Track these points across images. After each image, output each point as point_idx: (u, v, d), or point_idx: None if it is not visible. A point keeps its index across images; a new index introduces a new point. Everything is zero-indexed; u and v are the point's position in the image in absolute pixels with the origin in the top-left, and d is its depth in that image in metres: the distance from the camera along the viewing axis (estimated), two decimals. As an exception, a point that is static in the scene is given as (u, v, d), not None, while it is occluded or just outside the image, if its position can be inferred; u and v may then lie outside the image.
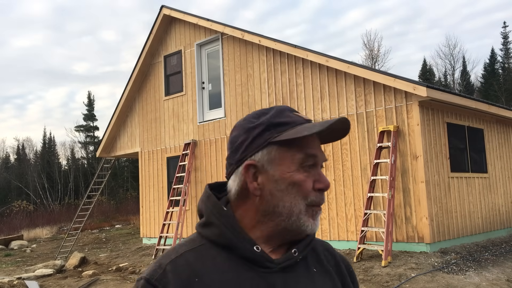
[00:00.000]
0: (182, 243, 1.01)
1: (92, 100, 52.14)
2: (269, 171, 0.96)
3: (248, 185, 0.97)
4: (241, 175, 0.98)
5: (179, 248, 0.99)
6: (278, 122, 0.98)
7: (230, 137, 1.04)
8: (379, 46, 54.10)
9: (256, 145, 0.97)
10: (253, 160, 0.97)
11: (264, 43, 10.52)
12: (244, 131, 0.99)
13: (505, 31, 45.43)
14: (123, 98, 14.10)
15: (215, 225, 0.98)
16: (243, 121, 1.03)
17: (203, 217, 1.03)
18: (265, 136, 0.97)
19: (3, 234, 21.38)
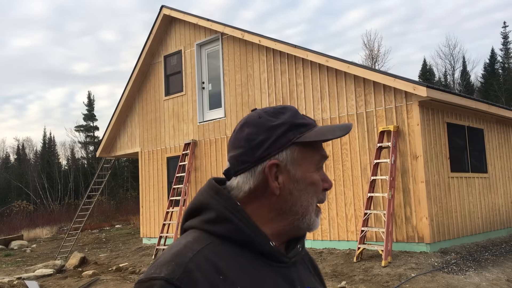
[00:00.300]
0: (189, 241, 0.93)
1: (92, 100, 52.17)
2: (291, 171, 0.98)
3: (269, 183, 0.97)
4: (259, 174, 0.97)
5: (192, 245, 0.92)
6: (299, 123, 1.00)
7: (243, 134, 1.00)
8: (379, 46, 54.18)
9: (280, 144, 0.98)
10: (277, 160, 0.97)
11: (264, 43, 10.52)
12: (264, 129, 0.98)
13: (505, 31, 45.45)
14: (123, 98, 14.10)
15: (230, 220, 0.94)
16: (258, 118, 1.00)
17: (202, 212, 0.98)
18: (288, 136, 0.98)
19: (3, 234, 21.38)
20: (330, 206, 9.41)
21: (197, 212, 0.99)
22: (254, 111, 1.04)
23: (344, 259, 8.28)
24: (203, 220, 0.97)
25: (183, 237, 0.97)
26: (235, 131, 1.03)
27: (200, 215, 0.98)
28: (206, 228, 0.95)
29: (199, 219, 0.98)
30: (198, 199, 1.00)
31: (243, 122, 1.02)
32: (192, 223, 0.99)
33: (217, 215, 0.95)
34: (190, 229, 0.98)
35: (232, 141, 1.02)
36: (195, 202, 1.01)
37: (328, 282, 7.17)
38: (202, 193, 1.00)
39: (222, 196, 0.97)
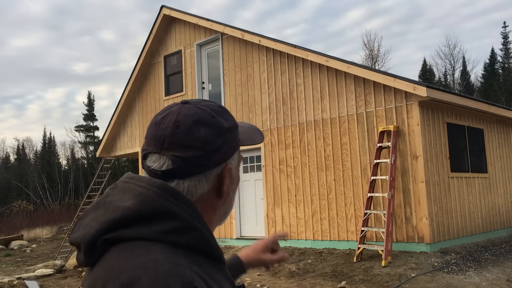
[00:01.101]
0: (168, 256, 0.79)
1: (92, 100, 52.21)
2: (233, 173, 0.98)
3: (222, 187, 0.94)
4: (214, 178, 0.93)
5: (176, 260, 0.79)
6: (237, 124, 1.00)
7: (199, 134, 0.90)
8: (379, 46, 54.17)
9: (234, 149, 0.96)
10: (230, 164, 0.95)
11: (264, 43, 10.53)
12: (221, 132, 0.93)
13: (505, 31, 45.45)
14: (123, 98, 14.11)
15: (199, 231, 0.85)
16: (211, 117, 0.93)
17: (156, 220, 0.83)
18: (237, 140, 0.98)
19: (3, 234, 21.39)
20: (330, 206, 9.42)
21: (138, 221, 0.82)
22: (190, 104, 0.94)
23: (344, 259, 8.28)
24: (163, 231, 0.82)
25: (143, 252, 0.79)
26: (175, 125, 0.90)
27: (151, 224, 0.82)
28: (169, 239, 0.82)
29: (153, 228, 0.82)
30: (148, 205, 0.83)
31: (194, 118, 0.90)
32: (142, 234, 0.81)
33: (183, 225, 0.84)
34: (138, 241, 0.81)
35: (176, 137, 0.89)
36: (137, 209, 0.82)
37: (328, 282, 7.18)
38: (154, 198, 0.84)
39: (185, 203, 0.86)
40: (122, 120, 14.57)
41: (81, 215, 0.91)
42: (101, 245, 0.82)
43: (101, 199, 0.89)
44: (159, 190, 0.85)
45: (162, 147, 0.89)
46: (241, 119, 11.19)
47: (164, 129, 0.90)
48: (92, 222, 0.84)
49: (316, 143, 9.74)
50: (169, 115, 0.92)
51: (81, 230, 0.85)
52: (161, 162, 0.90)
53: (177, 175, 0.89)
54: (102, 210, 0.86)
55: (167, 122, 0.90)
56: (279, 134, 10.41)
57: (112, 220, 0.82)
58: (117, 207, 0.84)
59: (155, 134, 0.91)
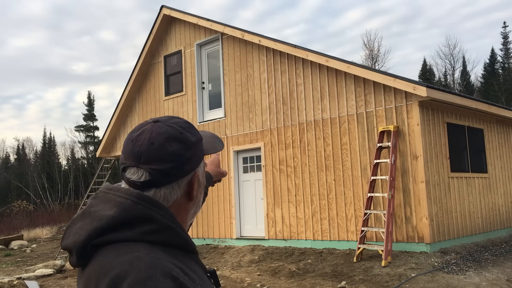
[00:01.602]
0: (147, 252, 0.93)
1: (92, 100, 52.21)
2: (200, 178, 1.13)
3: (192, 192, 1.09)
4: (185, 185, 1.08)
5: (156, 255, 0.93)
6: (201, 136, 1.15)
7: (171, 149, 1.03)
8: (379, 46, 54.17)
9: (200, 159, 1.12)
10: (198, 172, 1.11)
11: (264, 43, 10.53)
12: (189, 146, 1.07)
13: (505, 31, 45.47)
14: (123, 98, 14.11)
15: (174, 230, 1.00)
16: (180, 133, 1.06)
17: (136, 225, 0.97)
18: (202, 151, 1.14)
19: (3, 234, 21.39)
20: (330, 206, 9.42)
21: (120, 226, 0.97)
22: (160, 122, 1.07)
23: (344, 259, 8.28)
24: (143, 232, 0.97)
25: (126, 251, 0.93)
26: (150, 143, 1.03)
27: (132, 228, 0.97)
28: (148, 239, 0.96)
29: (135, 231, 0.96)
30: (128, 213, 0.97)
31: (165, 136, 1.04)
32: (126, 236, 0.96)
33: (159, 226, 0.98)
34: (122, 242, 0.95)
35: (151, 153, 1.02)
36: (120, 217, 0.97)
37: (328, 282, 7.18)
38: (133, 207, 0.98)
39: (160, 208, 1.00)
40: (122, 120, 14.57)
41: (69, 223, 1.05)
42: (90, 249, 0.97)
43: (86, 209, 1.03)
44: (137, 199, 0.99)
45: (140, 162, 1.03)
46: (241, 119, 11.20)
47: (140, 146, 1.04)
48: (81, 230, 0.99)
49: (316, 143, 9.74)
50: (143, 133, 1.05)
51: (71, 237, 1.01)
52: (139, 174, 1.04)
53: (154, 184, 1.04)
54: (88, 219, 1.00)
55: (142, 140, 1.04)
56: (279, 134, 10.41)
57: (99, 227, 0.97)
58: (102, 216, 0.98)
59: (133, 150, 1.04)
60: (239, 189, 11.29)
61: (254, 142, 10.90)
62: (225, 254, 10.30)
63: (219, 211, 11.49)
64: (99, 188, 7.65)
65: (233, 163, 11.27)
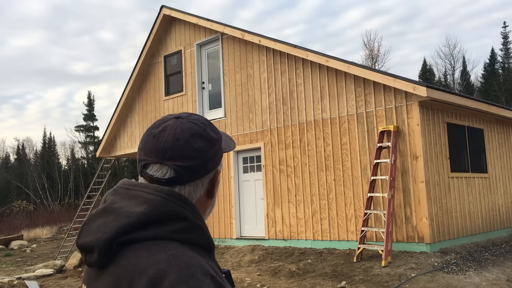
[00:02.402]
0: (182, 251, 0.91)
1: (92, 100, 52.21)
2: (218, 177, 1.12)
3: (213, 189, 1.09)
4: (208, 182, 1.08)
5: (190, 253, 0.91)
6: (221, 135, 1.15)
7: (196, 146, 1.02)
8: (379, 46, 54.18)
9: (221, 156, 1.11)
10: (219, 169, 1.11)
11: (264, 43, 10.53)
12: (213, 143, 1.07)
13: (505, 31, 45.46)
14: (123, 98, 14.11)
15: (202, 229, 0.98)
16: (204, 130, 1.06)
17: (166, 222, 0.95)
18: (221, 148, 1.12)
19: (3, 234, 21.39)
20: (330, 206, 9.42)
21: (150, 223, 0.94)
22: (183, 118, 1.06)
23: (344, 259, 8.28)
24: (175, 230, 0.94)
25: (161, 249, 0.90)
26: (175, 139, 1.01)
27: (162, 225, 0.94)
28: (179, 237, 0.94)
29: (166, 229, 0.94)
30: (160, 210, 0.95)
31: (191, 132, 1.03)
32: (157, 234, 0.93)
33: (190, 224, 0.97)
34: (152, 240, 0.93)
35: (176, 149, 1.01)
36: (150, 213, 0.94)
37: (328, 282, 7.18)
38: (163, 203, 0.95)
39: (190, 206, 0.99)
40: (122, 120, 14.57)
41: (85, 220, 1.01)
42: (116, 247, 0.93)
43: (107, 205, 0.99)
44: (168, 196, 0.97)
45: (164, 158, 1.01)
46: (241, 119, 11.20)
47: (165, 142, 1.02)
48: (104, 227, 0.94)
49: (316, 143, 9.74)
50: (167, 129, 1.03)
51: (91, 235, 0.96)
52: (163, 171, 1.02)
53: (179, 181, 1.02)
54: (113, 216, 0.96)
55: (166, 136, 1.02)
56: (279, 134, 10.41)
57: (127, 224, 0.93)
58: (130, 213, 0.94)
59: (156, 146, 1.02)
60: (239, 189, 11.29)
61: (254, 142, 10.90)
62: (225, 254, 10.30)
63: (219, 211, 11.49)
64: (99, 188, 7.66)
65: (233, 163, 11.27)
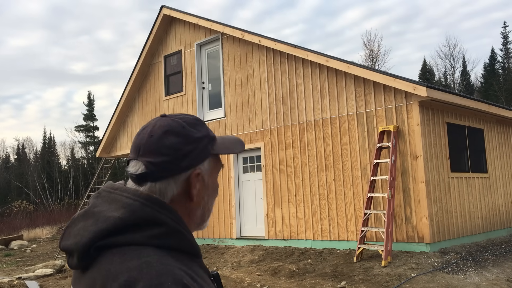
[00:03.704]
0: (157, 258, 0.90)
1: (92, 100, 52.22)
2: (205, 179, 1.08)
3: (191, 191, 1.05)
4: (183, 182, 1.04)
5: (165, 261, 0.90)
6: (212, 136, 1.11)
7: (168, 142, 1.02)
8: (379, 46, 54.19)
9: (204, 156, 1.07)
10: (200, 169, 1.06)
11: (264, 43, 10.53)
12: (190, 141, 1.04)
13: (505, 31, 45.47)
14: (123, 98, 14.11)
15: (182, 234, 0.97)
16: (182, 128, 1.05)
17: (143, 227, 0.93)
18: (208, 148, 1.08)
19: (3, 234, 21.38)
20: (330, 206, 9.42)
21: (127, 228, 0.93)
22: (167, 117, 1.07)
23: (344, 259, 8.28)
24: (151, 236, 0.93)
25: (135, 255, 0.89)
26: (149, 135, 1.03)
27: (139, 230, 0.93)
28: (156, 243, 0.93)
29: (143, 234, 0.93)
30: (137, 215, 0.94)
31: (165, 129, 1.03)
32: (133, 239, 0.92)
33: (168, 229, 0.95)
34: (128, 246, 0.92)
35: (149, 145, 1.02)
36: (127, 219, 0.93)
37: (328, 282, 7.18)
38: (140, 208, 0.95)
39: (169, 210, 0.98)
40: (122, 120, 14.57)
41: (68, 223, 1.02)
42: (94, 251, 0.93)
43: (88, 209, 1.00)
44: (145, 201, 0.97)
45: (139, 154, 1.03)
46: (241, 119, 11.20)
47: (141, 139, 1.04)
48: (83, 231, 0.95)
49: (316, 143, 9.74)
50: (148, 127, 1.06)
51: (72, 238, 0.97)
52: (137, 167, 1.03)
53: (149, 178, 1.02)
54: (92, 220, 0.96)
55: (144, 133, 1.05)
56: (279, 134, 10.41)
57: (104, 229, 0.93)
58: (107, 218, 0.94)
59: (135, 143, 1.06)
60: (239, 189, 11.29)
61: (254, 142, 10.90)
62: (225, 254, 10.30)
63: (219, 211, 11.49)
64: (99, 188, 7.67)
65: (233, 163, 11.27)
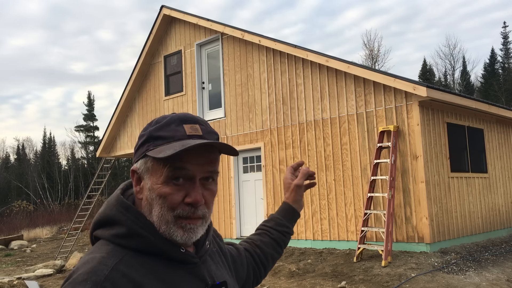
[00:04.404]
0: (103, 256, 0.93)
1: (92, 100, 52.22)
2: (145, 180, 1.02)
3: (133, 187, 1.06)
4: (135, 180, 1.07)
5: (106, 261, 0.92)
6: (157, 135, 1.02)
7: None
8: (379, 46, 54.20)
9: (139, 153, 1.05)
10: (135, 167, 1.05)
11: (264, 43, 10.53)
12: (139, 138, 1.08)
13: (505, 31, 45.47)
14: (123, 98, 14.11)
15: (142, 235, 0.97)
16: (148, 124, 1.10)
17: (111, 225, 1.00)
18: (145, 147, 1.03)
19: (3, 234, 21.38)
20: (330, 206, 9.42)
21: (105, 224, 1.02)
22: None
23: (344, 259, 8.28)
24: (114, 234, 0.98)
25: (96, 250, 0.97)
26: None
27: (110, 228, 1.00)
28: (118, 242, 0.97)
29: (109, 232, 0.99)
30: (106, 213, 1.02)
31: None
32: (103, 234, 1.00)
33: (128, 231, 0.97)
34: (101, 240, 1.01)
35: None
36: (102, 215, 1.02)
37: (328, 282, 7.18)
38: (111, 207, 1.02)
39: (132, 212, 0.99)
40: (122, 120, 14.57)
41: None
42: (92, 239, 1.04)
43: None
44: (115, 201, 1.03)
45: None
46: (241, 119, 11.20)
47: None
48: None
49: (316, 143, 9.74)
50: None
51: None
52: None
53: None
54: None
55: None
56: (279, 134, 10.41)
57: (94, 221, 1.04)
58: (98, 212, 1.04)
59: None
60: (239, 189, 11.29)
61: (254, 142, 10.90)
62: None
63: (219, 211, 11.49)
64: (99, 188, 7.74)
65: (233, 163, 11.27)
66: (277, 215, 1.49)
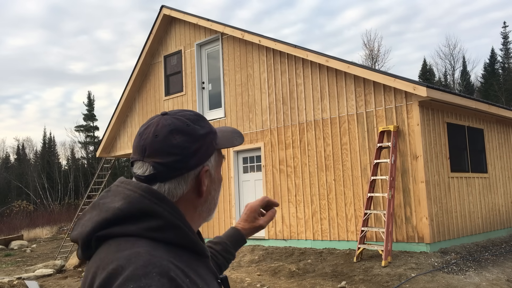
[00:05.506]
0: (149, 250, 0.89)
1: (92, 100, 52.23)
2: (212, 174, 1.08)
3: (201, 188, 1.05)
4: (192, 180, 1.04)
5: (156, 253, 0.89)
6: (215, 130, 1.12)
7: (175, 142, 1.01)
8: (379, 46, 54.21)
9: (210, 152, 1.07)
10: (208, 166, 1.06)
11: (264, 43, 10.53)
12: (196, 138, 1.04)
13: (505, 31, 45.47)
14: (123, 98, 14.11)
15: (180, 227, 0.96)
16: (186, 126, 1.04)
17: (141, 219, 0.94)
18: (213, 144, 1.08)
19: (3, 234, 21.39)
20: (330, 206, 9.42)
21: (127, 219, 0.94)
22: (168, 115, 1.06)
23: (344, 259, 8.28)
24: (147, 228, 0.93)
25: (129, 246, 0.90)
26: (154, 135, 1.02)
27: (137, 222, 0.94)
28: (152, 236, 0.93)
29: (137, 226, 0.93)
30: (134, 207, 0.95)
31: (170, 128, 1.02)
32: (127, 230, 0.93)
33: (166, 223, 0.95)
34: (125, 237, 0.93)
35: (155, 146, 1.01)
36: (126, 210, 0.95)
37: (328, 282, 7.18)
38: (139, 200, 0.96)
39: (168, 204, 0.97)
40: (122, 120, 14.57)
41: (80, 215, 1.05)
42: (95, 241, 0.95)
43: (96, 201, 1.02)
44: (144, 193, 0.97)
45: (144, 155, 1.02)
46: (241, 119, 11.20)
47: (145, 139, 1.02)
48: (88, 222, 0.98)
49: (316, 143, 9.74)
50: (150, 126, 1.04)
51: (78, 228, 0.99)
52: (144, 168, 1.02)
53: (158, 179, 1.01)
54: (97, 211, 0.99)
55: (147, 133, 1.03)
56: (279, 134, 10.41)
57: (104, 219, 0.95)
58: (108, 208, 0.97)
59: (138, 144, 1.04)
60: (239, 189, 11.29)
61: (254, 142, 10.90)
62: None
63: (219, 211, 11.49)
64: (99, 188, 7.73)
65: (233, 163, 11.27)
66: (226, 240, 1.44)
